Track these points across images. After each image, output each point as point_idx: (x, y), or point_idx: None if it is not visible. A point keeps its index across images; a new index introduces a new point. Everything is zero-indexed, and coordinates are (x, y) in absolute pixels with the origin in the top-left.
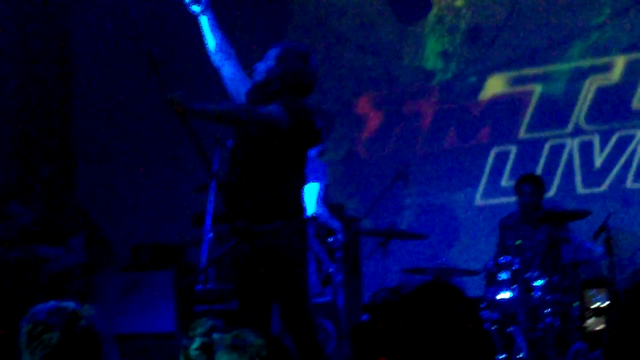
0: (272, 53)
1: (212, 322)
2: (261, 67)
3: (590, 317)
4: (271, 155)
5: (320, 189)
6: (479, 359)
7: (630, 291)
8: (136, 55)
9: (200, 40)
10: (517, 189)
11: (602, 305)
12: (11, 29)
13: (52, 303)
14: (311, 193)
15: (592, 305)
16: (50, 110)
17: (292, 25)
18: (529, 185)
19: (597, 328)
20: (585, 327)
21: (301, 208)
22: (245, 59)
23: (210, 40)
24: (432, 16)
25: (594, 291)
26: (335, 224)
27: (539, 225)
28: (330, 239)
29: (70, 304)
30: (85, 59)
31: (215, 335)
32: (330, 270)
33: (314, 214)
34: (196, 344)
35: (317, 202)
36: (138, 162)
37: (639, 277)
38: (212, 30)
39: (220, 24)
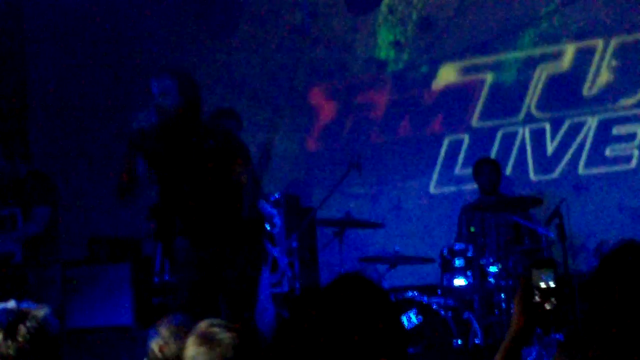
0: (168, 85)
1: (175, 320)
2: (165, 104)
3: (535, 296)
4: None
5: None
6: (392, 345)
7: (610, 258)
8: (92, 50)
9: (161, 32)
10: (476, 171)
11: (550, 285)
12: None
13: (7, 303)
14: None
15: (539, 284)
16: (5, 100)
17: (244, 17)
18: (487, 165)
19: (546, 308)
20: None
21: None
22: (198, 52)
23: None
24: (384, 6)
25: (541, 271)
26: (270, 210)
27: (496, 211)
28: (267, 226)
29: (25, 305)
30: (41, 52)
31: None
32: (275, 254)
33: None
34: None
35: None
36: (94, 155)
37: (607, 248)
38: None
39: (173, 17)
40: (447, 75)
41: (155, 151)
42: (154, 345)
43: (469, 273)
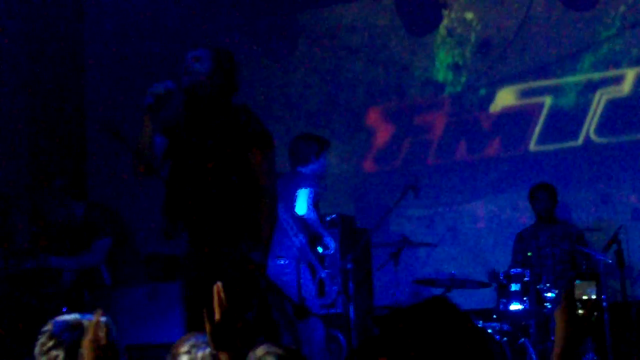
0: (202, 52)
1: (195, 339)
2: (196, 68)
3: (579, 308)
4: (247, 176)
5: (310, 194)
6: None
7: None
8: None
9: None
10: (532, 197)
11: (592, 298)
12: (20, 38)
13: (70, 316)
14: (303, 197)
15: (582, 296)
16: (63, 123)
17: (302, 38)
18: (543, 192)
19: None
20: None
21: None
22: (256, 72)
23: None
24: (442, 28)
25: (584, 283)
26: (324, 231)
27: (553, 237)
28: (320, 249)
29: (87, 319)
30: (98, 77)
31: (199, 351)
32: (323, 275)
33: (304, 216)
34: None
35: (309, 206)
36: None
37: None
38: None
39: (234, 40)
40: (506, 98)
41: (175, 119)
42: None
43: (525, 298)
